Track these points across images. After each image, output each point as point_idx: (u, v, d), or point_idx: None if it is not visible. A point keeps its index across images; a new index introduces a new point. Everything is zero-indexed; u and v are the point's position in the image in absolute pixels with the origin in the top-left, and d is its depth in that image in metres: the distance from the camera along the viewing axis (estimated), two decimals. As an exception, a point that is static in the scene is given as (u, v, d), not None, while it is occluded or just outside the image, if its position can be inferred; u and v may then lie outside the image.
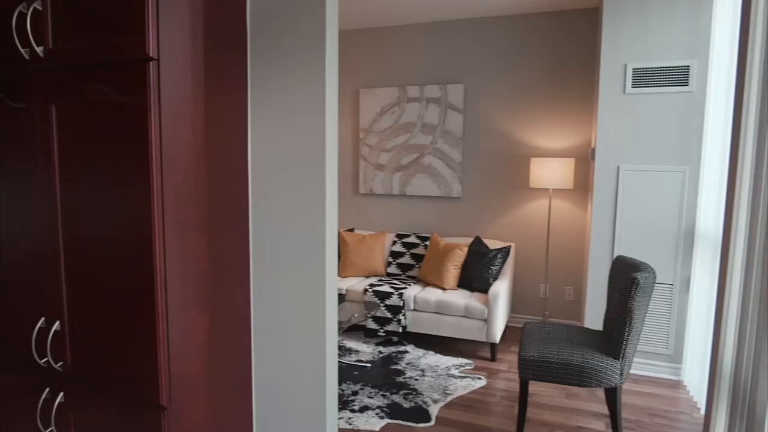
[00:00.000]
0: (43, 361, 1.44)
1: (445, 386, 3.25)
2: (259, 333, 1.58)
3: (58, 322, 1.39)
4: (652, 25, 3.23)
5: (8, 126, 1.42)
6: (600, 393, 3.15)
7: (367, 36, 4.74)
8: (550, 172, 3.90)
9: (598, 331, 2.82)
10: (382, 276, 4.39)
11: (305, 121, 1.45)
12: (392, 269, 4.38)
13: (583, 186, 4.16)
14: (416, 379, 3.34)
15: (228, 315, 1.48)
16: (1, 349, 1.52)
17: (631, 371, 3.45)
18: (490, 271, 3.86)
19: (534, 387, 3.24)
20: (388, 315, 3.88)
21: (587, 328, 2.85)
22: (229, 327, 1.48)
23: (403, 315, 3.86)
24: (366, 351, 3.82)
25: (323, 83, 1.42)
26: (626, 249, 3.40)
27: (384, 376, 3.38)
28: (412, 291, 3.92)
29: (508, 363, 3.64)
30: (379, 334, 3.95)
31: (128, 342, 1.28)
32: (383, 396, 3.10)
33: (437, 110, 4.52)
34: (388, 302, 3.87)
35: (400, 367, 3.53)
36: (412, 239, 4.42)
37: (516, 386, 3.25)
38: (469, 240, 4.30)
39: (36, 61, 1.33)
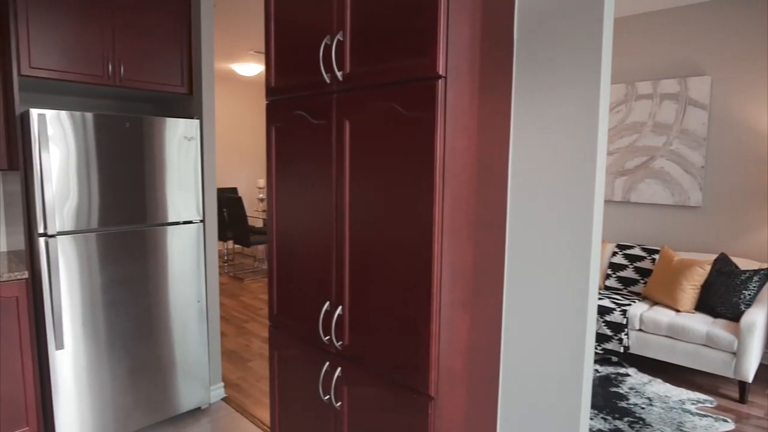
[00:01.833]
0: (326, 338, 1.69)
1: (680, 422, 2.86)
2: (509, 339, 1.60)
3: (340, 308, 1.62)
4: None
5: (309, 139, 1.70)
6: None
7: (591, 31, 4.43)
8: (837, 180, 3.12)
9: None
10: (600, 289, 4.07)
11: (574, 127, 1.41)
12: (611, 282, 4.03)
13: None
14: (643, 408, 3.02)
15: (484, 318, 1.53)
16: (297, 324, 1.84)
17: None
18: (742, 296, 3.26)
19: (807, 444, 2.64)
20: (608, 332, 3.58)
21: None
22: (484, 329, 1.53)
23: (626, 334, 3.52)
24: (580, 367, 3.59)
25: (597, 87, 1.36)
26: None
27: (603, 398, 3.13)
28: (638, 309, 3.55)
29: (765, 408, 3.03)
30: (596, 351, 3.68)
31: (403, 334, 1.42)
32: (604, 419, 2.87)
33: (674, 107, 3.99)
34: (608, 318, 3.57)
35: (621, 391, 3.23)
36: (637, 251, 4.00)
37: (779, 439, 2.69)
38: (712, 257, 3.71)
39: (335, 84, 1.57)
